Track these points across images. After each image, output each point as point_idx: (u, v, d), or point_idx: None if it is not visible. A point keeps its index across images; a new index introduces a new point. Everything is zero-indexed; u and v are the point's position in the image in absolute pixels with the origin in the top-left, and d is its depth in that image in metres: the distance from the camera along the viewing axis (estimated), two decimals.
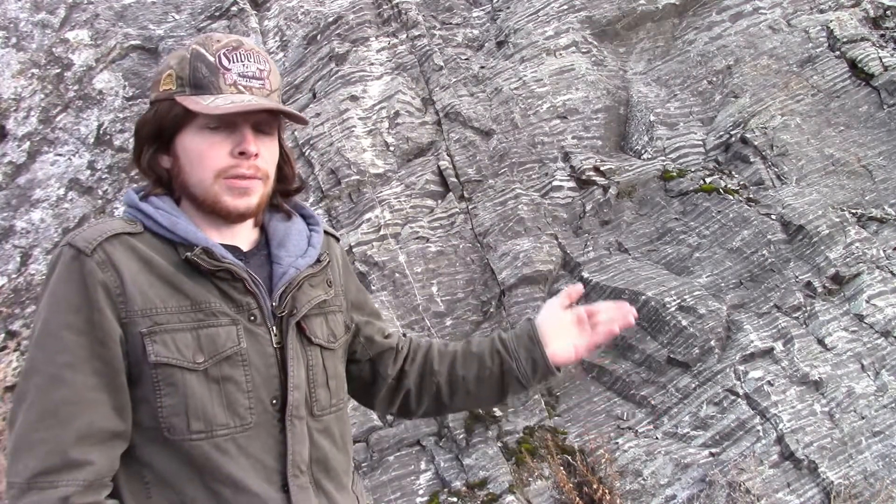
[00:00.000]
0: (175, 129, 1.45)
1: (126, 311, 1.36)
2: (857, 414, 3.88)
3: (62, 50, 6.35)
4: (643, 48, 5.69)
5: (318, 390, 1.53)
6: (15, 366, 4.97)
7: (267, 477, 1.43)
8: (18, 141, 5.98)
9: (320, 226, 1.66)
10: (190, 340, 1.38)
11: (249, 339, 1.44)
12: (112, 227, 1.41)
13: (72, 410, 1.32)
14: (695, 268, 4.52)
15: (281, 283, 1.50)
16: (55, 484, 1.29)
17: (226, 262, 1.42)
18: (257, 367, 1.44)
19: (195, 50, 1.47)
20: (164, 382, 1.37)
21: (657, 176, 4.96)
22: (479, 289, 4.71)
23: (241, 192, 1.46)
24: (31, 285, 5.32)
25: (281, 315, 1.49)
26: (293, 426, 1.47)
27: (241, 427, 1.41)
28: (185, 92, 1.44)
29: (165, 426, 1.37)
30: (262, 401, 1.44)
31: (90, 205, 5.59)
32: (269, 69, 1.50)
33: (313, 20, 6.05)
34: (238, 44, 1.48)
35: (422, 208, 5.02)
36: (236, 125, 1.44)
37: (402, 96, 5.45)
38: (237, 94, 1.44)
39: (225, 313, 1.42)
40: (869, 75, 5.12)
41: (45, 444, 1.30)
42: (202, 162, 1.44)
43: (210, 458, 1.38)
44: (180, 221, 1.44)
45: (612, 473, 3.83)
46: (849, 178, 4.79)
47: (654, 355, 4.18)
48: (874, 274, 4.30)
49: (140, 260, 1.39)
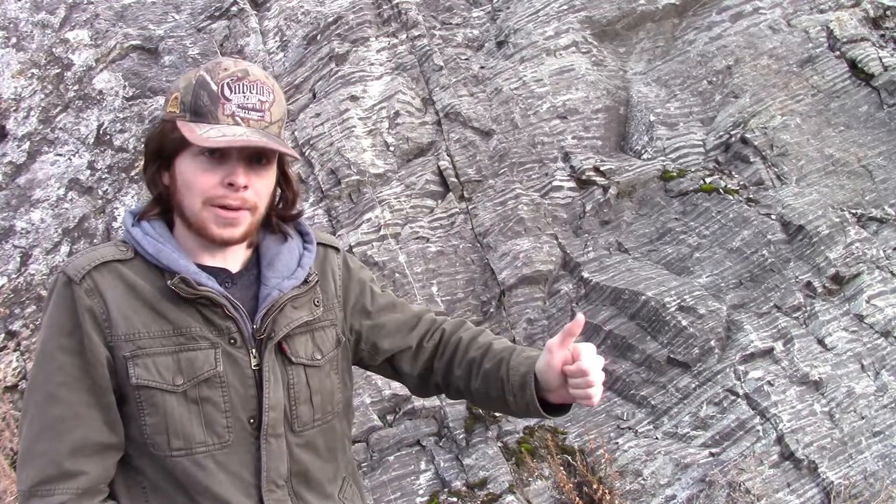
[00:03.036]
0: (174, 151, 1.50)
1: (111, 336, 1.45)
2: (857, 414, 3.88)
3: (62, 50, 6.35)
4: (643, 48, 5.69)
5: (300, 407, 1.58)
6: (15, 366, 4.97)
7: (245, 491, 1.51)
8: (18, 141, 5.98)
9: (314, 244, 1.69)
10: (170, 363, 1.47)
11: (228, 361, 1.51)
12: (102, 254, 1.51)
13: (66, 426, 1.44)
14: (695, 268, 4.52)
15: (263, 305, 1.55)
16: (52, 492, 1.42)
17: (203, 290, 1.48)
18: (235, 388, 1.51)
19: (201, 77, 1.49)
20: (147, 403, 1.46)
21: (657, 176, 4.96)
22: (479, 289, 4.71)
23: (226, 223, 1.50)
24: (32, 285, 5.31)
25: (260, 338, 1.54)
26: (268, 444, 1.53)
27: (219, 444, 1.49)
28: (186, 118, 1.48)
29: (150, 442, 1.47)
30: (240, 419, 1.51)
31: (90, 205, 5.59)
32: (273, 100, 1.51)
33: (313, 20, 6.05)
34: (244, 74, 1.50)
35: (422, 208, 5.02)
36: (229, 156, 1.48)
37: (402, 96, 5.45)
38: (233, 125, 1.46)
39: (205, 337, 1.49)
40: (869, 75, 5.12)
41: (43, 456, 1.43)
42: (193, 188, 1.48)
43: (190, 473, 1.48)
44: (164, 249, 1.50)
45: (612, 473, 3.83)
46: (849, 178, 4.79)
47: (654, 355, 4.18)
48: (874, 274, 4.31)
49: (126, 286, 1.48)
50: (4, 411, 4.52)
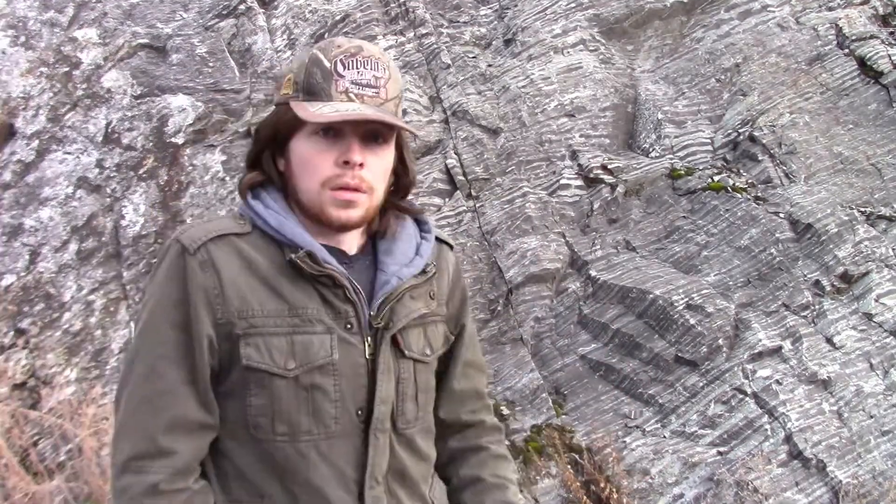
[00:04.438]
0: (289, 133, 1.46)
1: (223, 312, 1.40)
2: (865, 413, 3.87)
3: (70, 49, 6.36)
4: (651, 46, 5.67)
5: (406, 404, 1.52)
6: (24, 363, 4.99)
7: (345, 486, 1.44)
8: (27, 139, 6.00)
9: (432, 233, 1.64)
10: (284, 346, 1.41)
11: (342, 348, 1.44)
12: (219, 226, 1.45)
13: (164, 402, 1.39)
14: (703, 266, 4.51)
15: (381, 292, 1.48)
16: (146, 469, 1.36)
17: (328, 268, 1.43)
18: (347, 377, 1.45)
19: (314, 55, 1.45)
20: (255, 384, 1.41)
21: (665, 174, 4.95)
22: (486, 287, 4.71)
23: (345, 205, 1.44)
24: (40, 283, 5.33)
25: (377, 326, 1.48)
26: (376, 439, 1.47)
27: (324, 435, 1.43)
28: (299, 97, 1.44)
29: (252, 424, 1.42)
30: (349, 411, 1.45)
31: (98, 203, 5.61)
32: (388, 77, 1.46)
33: (321, 18, 6.05)
34: (357, 50, 1.45)
35: (429, 206, 5.02)
36: (344, 133, 1.42)
37: (410, 94, 5.45)
38: (347, 101, 1.41)
39: (321, 321, 1.43)
40: (878, 73, 5.10)
41: (139, 430, 1.38)
42: (308, 169, 1.44)
43: (291, 460, 1.42)
44: (287, 222, 1.45)
45: (620, 472, 3.82)
46: (857, 177, 4.78)
47: (662, 354, 4.17)
48: (883, 272, 4.29)
49: (242, 261, 1.42)
50: (13, 408, 4.53)
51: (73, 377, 4.92)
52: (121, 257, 5.38)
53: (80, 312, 5.20)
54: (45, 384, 4.88)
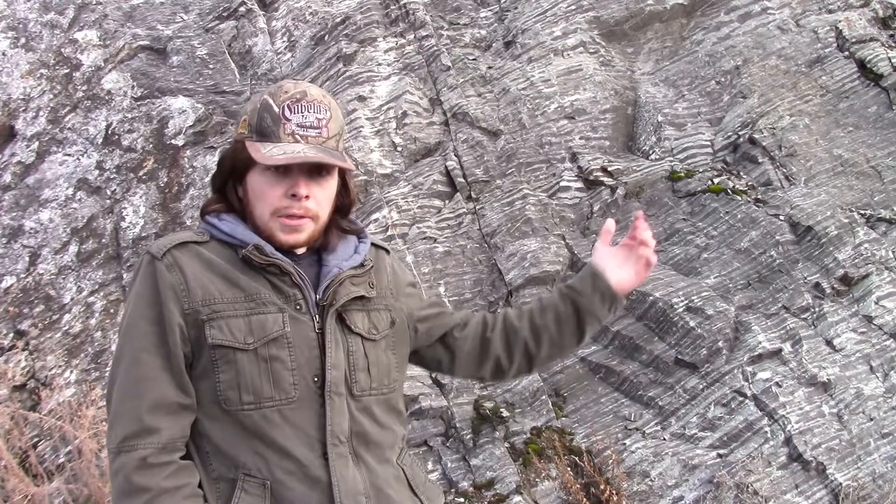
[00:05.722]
0: (245, 168, 1.71)
1: (189, 303, 1.63)
2: (865, 415, 3.87)
3: (71, 50, 6.37)
4: (651, 48, 5.68)
5: (358, 373, 1.73)
6: (24, 365, 4.99)
7: (309, 444, 1.65)
8: (27, 141, 6.00)
9: (368, 238, 1.89)
10: (242, 325, 1.64)
11: (294, 324, 1.67)
12: (181, 236, 1.71)
13: (147, 386, 1.61)
14: (703, 268, 4.51)
15: (326, 279, 1.74)
16: (135, 447, 1.57)
17: (274, 258, 1.67)
18: (300, 348, 1.67)
19: (265, 101, 1.70)
20: (221, 360, 1.63)
21: (665, 176, 4.96)
22: (486, 289, 4.71)
23: (291, 230, 1.69)
24: (40, 285, 5.33)
25: (323, 305, 1.72)
26: (332, 401, 1.68)
27: (286, 400, 1.64)
28: (253, 138, 1.69)
29: (222, 398, 1.63)
30: (305, 378, 1.66)
31: (98, 204, 5.61)
32: (329, 117, 1.71)
33: (321, 20, 6.06)
34: (302, 95, 1.70)
35: (429, 209, 5.02)
36: (291, 170, 1.67)
37: (410, 97, 5.46)
38: (293, 142, 1.67)
39: (273, 303, 1.67)
40: (878, 76, 5.11)
41: (127, 414, 1.60)
42: (262, 199, 1.70)
43: (258, 426, 1.62)
44: (238, 228, 1.71)
45: (620, 474, 3.82)
46: (857, 179, 4.78)
47: (662, 356, 4.17)
48: (883, 275, 4.29)
49: (202, 261, 1.67)
50: (13, 410, 4.53)
51: (73, 379, 4.91)
52: (121, 259, 5.38)
53: (80, 314, 5.20)
54: (45, 386, 4.87)
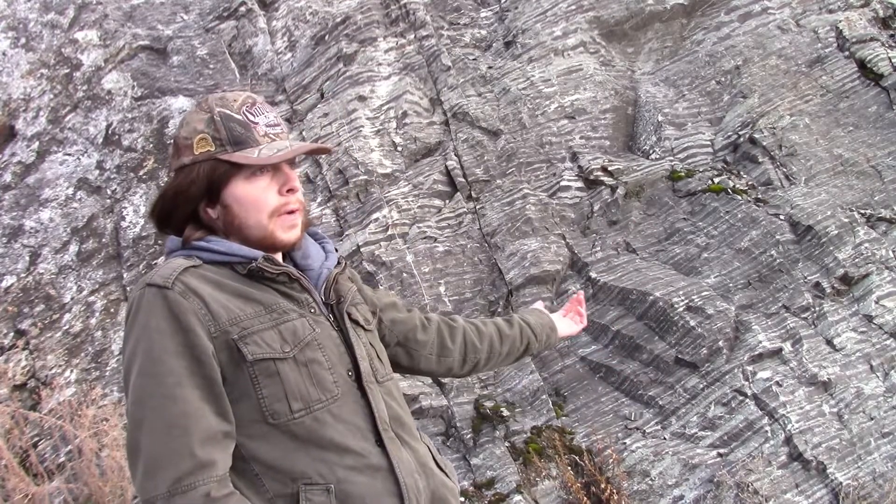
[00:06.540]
0: (223, 182, 1.66)
1: (215, 326, 1.57)
2: (865, 415, 3.87)
3: (71, 50, 6.37)
4: (651, 48, 5.68)
5: (375, 362, 1.79)
6: (24, 364, 4.99)
7: (363, 436, 1.67)
8: (27, 141, 6.01)
9: (328, 240, 1.92)
10: (275, 336, 1.62)
11: (317, 326, 1.70)
12: (178, 264, 1.63)
13: (192, 420, 1.51)
14: (703, 268, 4.51)
15: (321, 281, 1.77)
16: (195, 485, 1.47)
17: (285, 267, 1.68)
18: (329, 347, 1.69)
19: (222, 112, 1.68)
20: (262, 375, 1.59)
21: (665, 176, 4.96)
22: (486, 289, 4.71)
23: (291, 226, 1.71)
24: (40, 284, 5.33)
25: (330, 304, 1.77)
26: (371, 390, 1.72)
27: (331, 399, 1.65)
28: (228, 150, 1.65)
29: (269, 413, 1.59)
30: (341, 374, 1.69)
31: (98, 204, 5.61)
32: (277, 114, 1.75)
33: (321, 20, 6.06)
34: (252, 99, 1.72)
35: (429, 208, 5.02)
36: (279, 167, 1.69)
37: (410, 96, 5.46)
38: (270, 142, 1.68)
39: (292, 310, 1.67)
40: (878, 75, 5.11)
41: (175, 453, 1.49)
42: (255, 206, 1.67)
43: (312, 431, 1.61)
44: (234, 245, 1.67)
45: (620, 474, 3.82)
46: (858, 179, 4.78)
47: (662, 355, 4.17)
48: (883, 274, 4.29)
49: (211, 283, 1.62)
50: (13, 409, 4.53)
51: (73, 378, 4.92)
52: (121, 258, 5.38)
53: (81, 314, 5.20)
54: (45, 385, 4.87)
